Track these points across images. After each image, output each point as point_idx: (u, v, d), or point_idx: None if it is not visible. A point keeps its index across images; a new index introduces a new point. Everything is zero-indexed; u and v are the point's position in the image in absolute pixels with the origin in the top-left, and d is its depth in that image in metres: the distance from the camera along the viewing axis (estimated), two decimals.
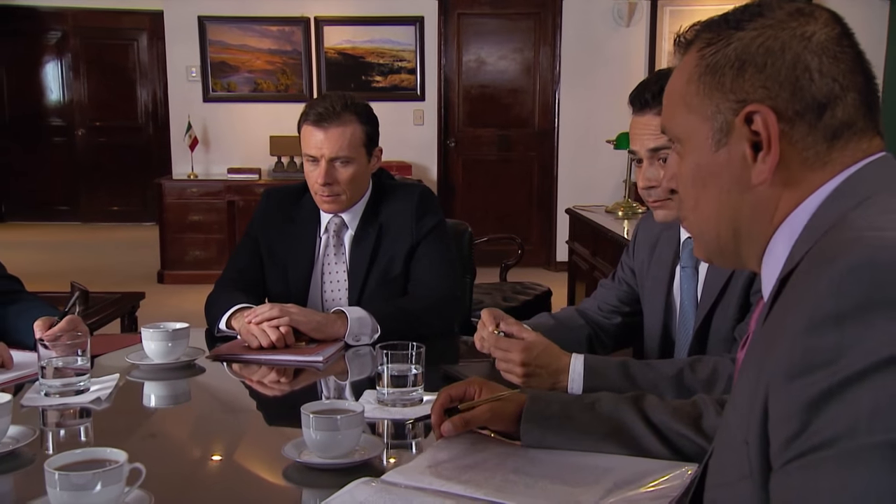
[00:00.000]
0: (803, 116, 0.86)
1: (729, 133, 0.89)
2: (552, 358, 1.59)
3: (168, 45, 7.05)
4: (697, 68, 0.91)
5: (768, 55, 0.86)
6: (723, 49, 0.89)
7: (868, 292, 0.71)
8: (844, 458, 0.69)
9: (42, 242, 8.57)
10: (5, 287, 2.06)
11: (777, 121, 0.85)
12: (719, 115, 0.89)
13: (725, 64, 0.88)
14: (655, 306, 1.82)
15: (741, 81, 0.87)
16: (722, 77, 0.89)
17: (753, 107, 0.86)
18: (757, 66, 0.87)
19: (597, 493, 1.16)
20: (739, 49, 0.88)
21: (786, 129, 0.86)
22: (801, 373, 0.73)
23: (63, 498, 1.08)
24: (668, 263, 1.79)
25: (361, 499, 1.13)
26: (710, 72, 0.89)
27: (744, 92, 0.87)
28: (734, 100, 0.88)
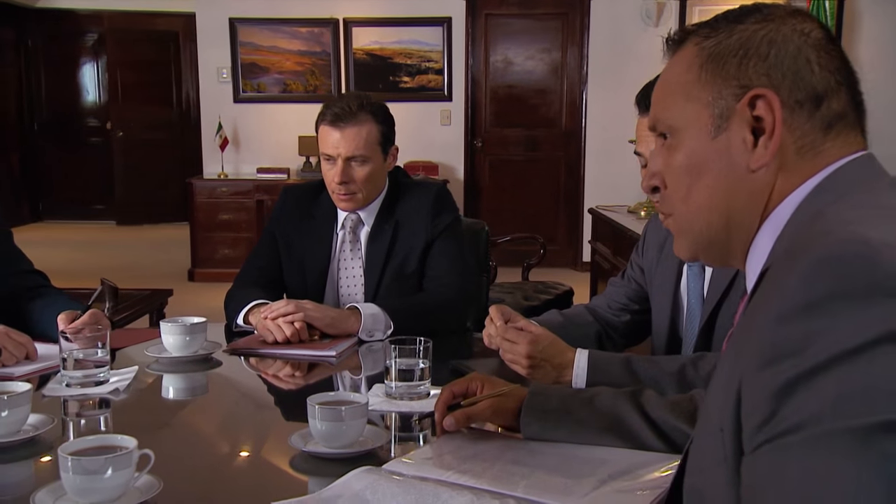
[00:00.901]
0: (803, 105, 0.89)
1: (729, 119, 0.91)
2: (557, 352, 1.62)
3: (200, 46, 7.16)
4: (698, 58, 0.93)
5: (772, 45, 0.90)
6: (725, 40, 0.92)
7: (834, 284, 0.73)
8: (809, 443, 0.71)
9: (77, 241, 8.74)
10: (32, 282, 2.13)
11: (780, 106, 0.88)
12: (720, 101, 0.91)
13: (729, 52, 0.91)
14: (663, 304, 1.84)
15: (745, 69, 0.90)
16: (725, 64, 0.91)
17: (758, 91, 0.89)
18: (760, 56, 0.90)
19: (591, 484, 1.18)
20: (743, 39, 0.91)
21: (786, 116, 0.89)
22: (770, 362, 0.75)
23: (75, 482, 1.13)
24: (675, 262, 1.81)
25: (360, 487, 1.17)
26: (713, 60, 0.92)
27: (747, 78, 0.90)
28: (737, 85, 0.90)
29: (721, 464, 0.82)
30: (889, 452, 0.68)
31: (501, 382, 1.41)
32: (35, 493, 1.15)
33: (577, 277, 6.13)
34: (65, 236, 9.03)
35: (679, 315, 1.81)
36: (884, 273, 0.72)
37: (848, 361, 0.71)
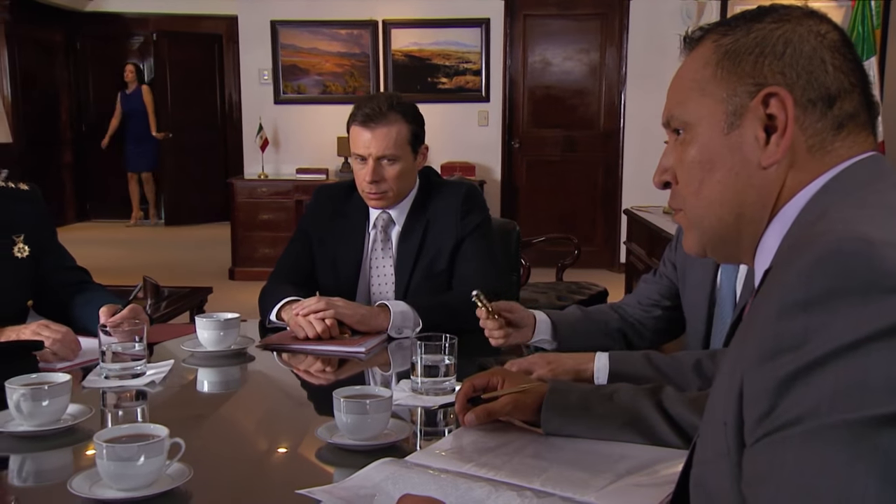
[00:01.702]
0: (815, 104, 0.90)
1: (742, 116, 0.93)
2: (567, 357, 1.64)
3: (242, 48, 7.28)
4: (715, 55, 0.95)
5: (787, 45, 0.91)
6: (742, 38, 0.94)
7: (833, 281, 0.75)
8: (807, 436, 0.73)
9: (123, 240, 8.92)
10: (75, 277, 2.20)
11: (793, 105, 0.90)
12: (735, 98, 0.93)
13: (745, 50, 0.93)
14: (699, 302, 1.86)
15: (760, 67, 0.92)
16: (741, 62, 0.93)
17: (772, 88, 0.90)
18: (776, 54, 0.91)
19: (608, 478, 1.20)
20: (760, 38, 0.93)
21: (799, 115, 0.90)
22: (770, 356, 0.77)
23: (110, 468, 1.18)
24: (712, 259, 1.82)
25: (381, 477, 1.20)
26: (730, 57, 0.94)
27: (762, 76, 0.91)
28: (752, 83, 0.92)
29: (724, 456, 0.84)
30: (884, 445, 0.70)
31: (522, 378, 1.43)
32: (72, 479, 1.20)
33: (613, 279, 6.12)
34: (111, 235, 9.22)
35: (715, 312, 1.83)
36: (882, 271, 0.73)
37: (845, 356, 0.73)
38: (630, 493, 1.16)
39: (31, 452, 1.39)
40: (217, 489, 1.26)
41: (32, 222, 2.14)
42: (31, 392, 1.42)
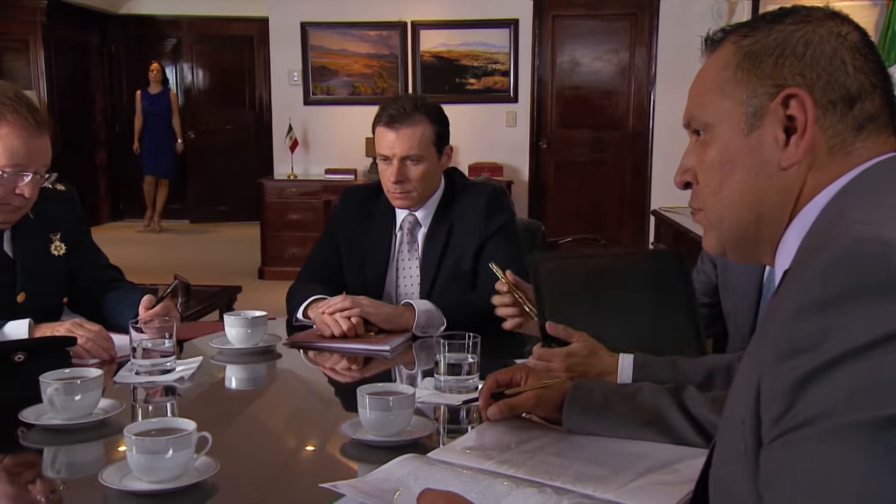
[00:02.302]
0: (836, 105, 0.91)
1: (762, 117, 0.93)
2: (598, 362, 1.61)
3: (272, 50, 7.35)
4: (735, 56, 0.96)
5: (808, 46, 0.92)
6: (762, 39, 0.94)
7: (849, 281, 0.75)
8: (822, 435, 0.74)
9: (154, 239, 9.03)
10: (108, 275, 2.25)
11: (813, 106, 0.90)
12: (755, 100, 0.94)
13: (765, 52, 0.93)
14: (744, 302, 1.85)
15: (780, 68, 0.92)
16: (761, 63, 0.93)
17: (792, 90, 0.91)
18: (796, 55, 0.92)
19: (628, 476, 1.21)
20: (780, 39, 0.93)
21: (819, 116, 0.91)
22: (787, 356, 0.78)
23: (139, 460, 1.21)
24: None
25: (403, 473, 1.22)
26: (750, 59, 0.94)
27: (782, 78, 0.92)
28: (771, 84, 0.92)
29: (742, 456, 0.85)
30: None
31: (545, 375, 1.44)
32: (103, 471, 1.23)
33: None
34: (143, 235, 9.34)
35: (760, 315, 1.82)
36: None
37: (860, 357, 0.73)
38: (650, 491, 1.16)
39: (63, 445, 1.43)
40: (243, 482, 1.28)
41: (69, 222, 2.19)
42: (64, 386, 1.45)
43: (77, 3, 9.24)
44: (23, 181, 1.92)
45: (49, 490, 1.28)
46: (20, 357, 1.62)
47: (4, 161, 1.89)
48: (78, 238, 2.22)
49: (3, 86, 1.97)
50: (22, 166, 1.91)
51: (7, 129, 1.89)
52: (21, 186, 1.92)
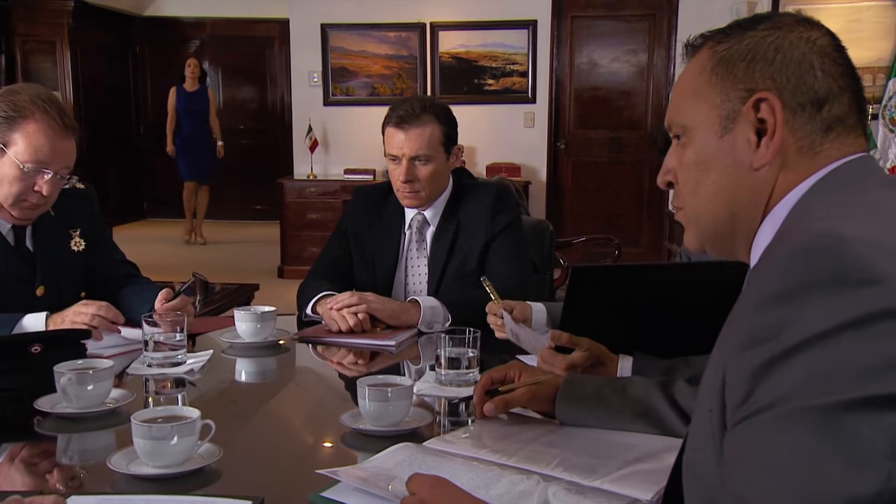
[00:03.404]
0: (805, 108, 0.95)
1: (735, 119, 0.97)
2: (599, 372, 1.63)
3: (292, 51, 7.44)
4: (710, 61, 1.00)
5: (778, 51, 0.96)
6: (735, 45, 0.98)
7: (806, 275, 0.79)
8: (778, 419, 0.78)
9: (177, 238, 9.13)
10: (124, 271, 2.32)
11: (782, 109, 0.94)
12: (728, 103, 0.98)
13: (738, 57, 0.97)
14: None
15: (752, 73, 0.96)
16: (734, 68, 0.97)
17: (762, 94, 0.95)
18: (767, 60, 0.96)
19: (616, 465, 1.25)
20: (752, 45, 0.97)
21: (788, 118, 0.95)
22: (749, 345, 0.82)
23: (145, 446, 1.27)
24: None
25: (398, 460, 1.27)
26: (723, 64, 0.98)
27: (753, 82, 0.96)
28: (743, 89, 0.97)
29: (710, 441, 0.89)
30: (850, 428, 0.74)
31: (539, 371, 1.49)
32: (111, 457, 1.29)
33: None
34: (167, 234, 9.46)
35: None
36: (851, 265, 0.78)
37: (816, 346, 0.77)
38: (635, 478, 1.20)
39: (76, 433, 1.49)
40: (244, 468, 1.33)
41: (87, 219, 2.26)
42: (76, 376, 1.51)
43: (102, 6, 9.39)
44: (42, 179, 1.99)
45: (69, 477, 1.34)
46: (37, 349, 1.68)
47: (27, 156, 1.96)
48: (96, 235, 2.29)
49: (38, 88, 2.06)
50: (44, 164, 1.98)
51: (34, 126, 1.97)
52: (40, 184, 1.99)
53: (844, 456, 0.74)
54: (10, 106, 1.97)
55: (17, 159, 1.96)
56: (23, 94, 2.00)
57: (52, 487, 1.27)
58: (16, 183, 1.97)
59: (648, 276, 1.78)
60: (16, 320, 1.92)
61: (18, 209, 2.02)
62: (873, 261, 0.78)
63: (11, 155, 1.96)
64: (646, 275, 1.81)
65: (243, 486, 1.24)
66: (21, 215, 2.04)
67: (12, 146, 1.96)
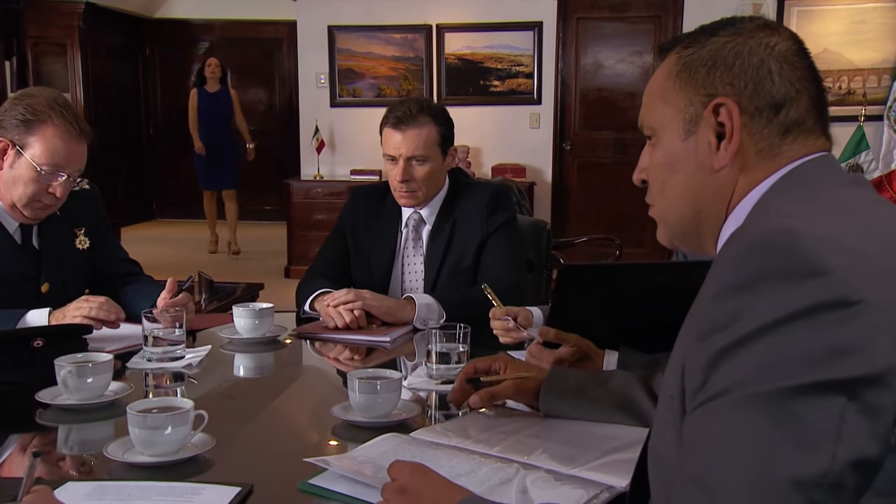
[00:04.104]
0: (762, 112, 0.99)
1: (697, 123, 1.02)
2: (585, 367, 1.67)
3: (300, 53, 7.50)
4: (676, 66, 1.05)
5: (737, 57, 1.00)
6: (699, 50, 1.03)
7: (759, 267, 0.83)
8: (732, 404, 0.82)
9: (186, 238, 9.21)
10: (126, 269, 2.38)
11: (739, 113, 0.98)
12: (690, 107, 1.02)
13: (700, 63, 1.02)
14: None
15: (712, 78, 1.01)
16: (696, 73, 1.02)
17: (721, 99, 0.99)
18: (727, 66, 1.00)
19: (595, 455, 1.29)
20: (713, 51, 1.02)
21: (746, 122, 0.99)
22: (706, 334, 0.86)
23: (141, 435, 1.31)
24: None
25: (385, 449, 1.31)
26: (687, 69, 1.03)
27: (713, 87, 1.01)
28: (704, 94, 1.01)
29: (671, 427, 0.93)
30: (798, 412, 0.78)
31: (524, 364, 1.53)
32: (107, 445, 1.34)
33: None
34: (175, 234, 9.54)
35: None
36: (801, 258, 0.82)
37: (768, 334, 0.81)
38: (612, 467, 1.24)
39: (75, 423, 1.54)
40: (236, 457, 1.38)
41: (92, 218, 2.32)
42: (76, 369, 1.56)
43: (113, 8, 9.47)
44: (57, 181, 2.05)
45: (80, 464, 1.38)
46: (39, 343, 1.73)
47: (44, 159, 2.02)
48: (100, 234, 2.34)
49: (54, 93, 2.13)
50: (59, 167, 2.04)
51: (52, 130, 2.03)
52: (54, 186, 2.05)
53: (793, 439, 0.78)
54: (27, 109, 2.03)
55: (33, 161, 2.02)
56: (40, 97, 2.07)
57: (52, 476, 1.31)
58: (31, 184, 2.03)
59: (635, 275, 1.82)
60: (19, 315, 1.97)
61: (31, 209, 2.07)
62: (822, 254, 0.81)
63: (28, 157, 2.02)
64: (632, 273, 1.84)
65: (234, 473, 1.28)
66: (32, 215, 2.10)
67: (29, 148, 2.03)
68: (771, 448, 0.78)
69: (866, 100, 6.61)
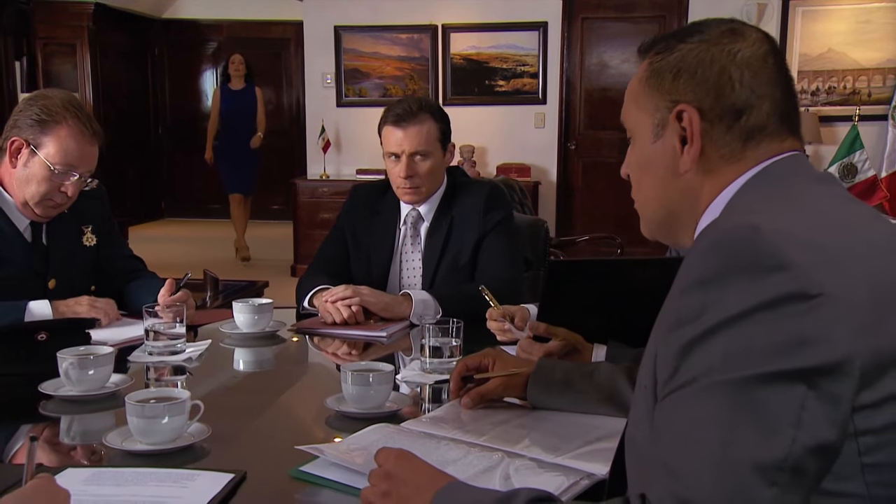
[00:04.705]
0: (723, 119, 1.03)
1: (664, 127, 1.06)
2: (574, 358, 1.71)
3: (306, 53, 7.54)
4: (646, 72, 1.09)
5: (700, 65, 1.04)
6: (667, 57, 1.07)
7: (724, 262, 0.87)
8: (698, 392, 0.86)
9: (194, 237, 9.28)
10: (131, 265, 2.43)
11: (700, 119, 1.02)
12: (658, 113, 1.07)
13: (667, 69, 1.06)
14: None
15: (676, 85, 1.05)
16: (663, 80, 1.06)
17: (682, 106, 1.04)
18: (690, 74, 1.04)
19: (578, 444, 1.33)
20: (678, 58, 1.05)
21: (707, 128, 1.03)
22: (675, 327, 0.90)
23: (139, 425, 1.35)
24: None
25: (375, 438, 1.35)
26: (655, 75, 1.07)
27: (677, 94, 1.05)
28: (669, 100, 1.05)
29: (646, 416, 0.96)
30: (761, 399, 0.82)
31: (512, 359, 1.56)
32: (107, 434, 1.38)
33: None
34: (183, 233, 9.61)
35: None
36: (764, 253, 0.85)
37: (733, 326, 0.85)
38: (594, 455, 1.28)
39: (77, 414, 1.58)
40: (231, 446, 1.42)
41: (99, 216, 2.37)
42: (78, 361, 1.61)
43: (122, 8, 9.54)
44: (69, 181, 2.12)
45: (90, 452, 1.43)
46: (42, 336, 1.77)
47: (58, 159, 2.08)
48: (106, 231, 2.39)
49: (68, 94, 2.20)
50: (72, 167, 2.10)
51: (66, 131, 2.09)
52: (66, 185, 2.12)
53: (755, 424, 0.82)
54: (43, 110, 2.09)
55: (47, 161, 2.08)
56: (54, 99, 2.13)
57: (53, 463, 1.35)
58: (44, 183, 2.09)
59: (623, 271, 1.86)
60: (23, 307, 2.03)
61: (42, 207, 2.13)
62: (784, 249, 0.85)
63: (42, 156, 2.08)
64: (620, 269, 1.88)
65: (229, 461, 1.32)
66: (43, 213, 2.15)
67: (43, 148, 2.08)
68: (734, 433, 0.82)
69: (871, 99, 6.63)
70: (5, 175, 2.14)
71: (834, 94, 6.75)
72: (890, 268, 0.89)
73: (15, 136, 2.10)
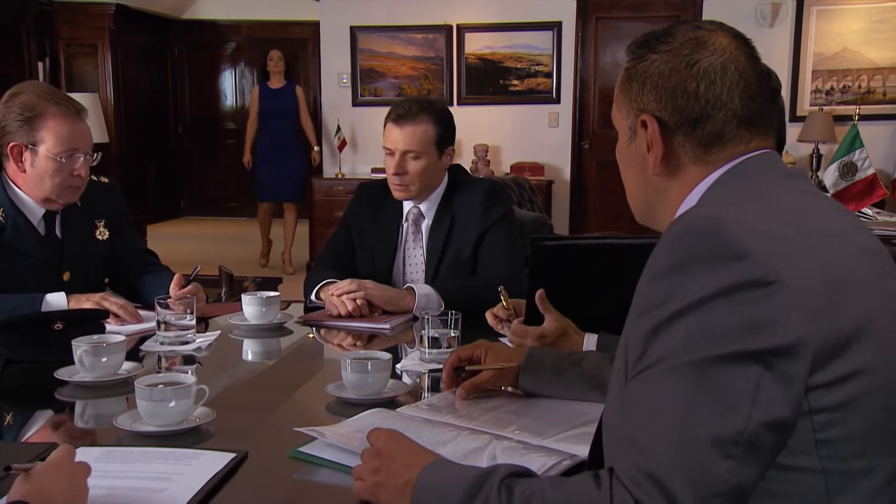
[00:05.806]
0: (680, 128, 1.10)
1: (636, 131, 1.14)
2: (567, 344, 1.77)
3: (323, 53, 7.64)
4: (623, 77, 1.17)
5: (660, 77, 1.10)
6: (637, 65, 1.14)
7: (688, 252, 0.93)
8: (663, 372, 0.92)
9: (213, 235, 9.39)
10: (144, 259, 2.51)
11: (661, 128, 1.09)
12: (630, 117, 1.15)
13: (636, 78, 1.13)
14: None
15: (641, 94, 1.12)
16: (632, 88, 1.14)
17: (644, 116, 1.12)
18: (652, 84, 1.11)
19: (563, 428, 1.39)
20: (645, 68, 1.12)
21: (669, 135, 1.10)
22: (642, 312, 0.96)
23: (147, 408, 1.43)
24: None
25: (371, 421, 1.41)
26: (627, 82, 1.15)
27: (642, 102, 1.12)
28: (636, 108, 1.13)
29: (618, 397, 1.02)
30: (719, 378, 0.89)
31: (504, 350, 1.62)
32: (117, 417, 1.46)
33: None
34: (202, 231, 9.73)
35: None
36: (724, 243, 0.92)
37: (695, 310, 0.91)
38: (577, 438, 1.34)
39: (91, 399, 1.66)
40: (234, 428, 1.49)
41: (111, 210, 2.45)
42: (92, 349, 1.68)
43: (143, 9, 9.67)
44: (77, 163, 2.20)
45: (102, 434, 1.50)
46: (58, 326, 1.85)
47: (59, 149, 2.16)
48: (119, 225, 2.47)
49: (36, 84, 2.28)
50: (73, 149, 2.18)
51: (53, 120, 2.16)
52: (77, 168, 2.20)
53: (713, 401, 0.88)
54: (23, 108, 2.15)
55: (50, 154, 2.15)
56: (27, 93, 2.18)
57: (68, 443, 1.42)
58: (56, 175, 2.17)
59: (609, 253, 1.89)
60: (40, 299, 2.11)
61: (65, 196, 2.22)
62: (743, 239, 0.91)
63: (43, 151, 2.15)
64: (606, 251, 1.91)
65: (232, 442, 1.38)
66: (66, 200, 2.24)
67: (41, 144, 2.15)
68: (694, 409, 0.88)
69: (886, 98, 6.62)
70: (16, 177, 2.21)
71: (849, 93, 6.75)
72: (843, 257, 0.95)
73: (10, 142, 2.16)
